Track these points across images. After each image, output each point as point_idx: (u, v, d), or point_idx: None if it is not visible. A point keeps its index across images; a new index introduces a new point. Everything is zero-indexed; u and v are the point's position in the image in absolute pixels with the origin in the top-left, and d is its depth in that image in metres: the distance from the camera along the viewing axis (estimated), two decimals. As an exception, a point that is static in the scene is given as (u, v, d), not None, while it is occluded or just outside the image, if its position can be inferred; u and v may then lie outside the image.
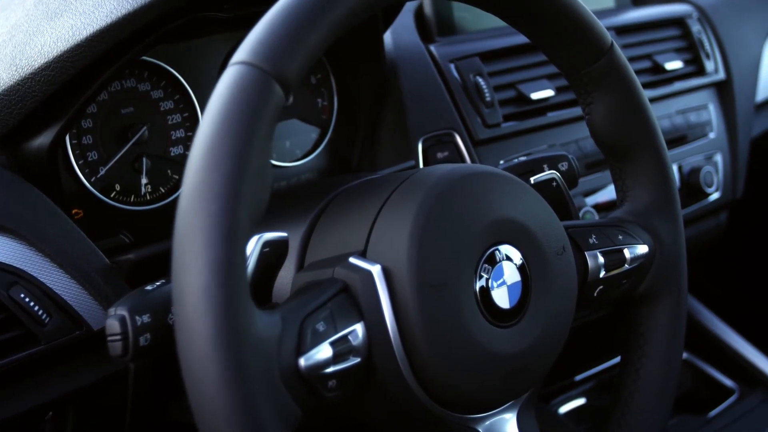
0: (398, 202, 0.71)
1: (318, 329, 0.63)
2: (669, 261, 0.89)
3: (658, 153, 0.88)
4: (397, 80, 1.12)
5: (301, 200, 0.87)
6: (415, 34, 1.19)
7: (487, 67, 1.19)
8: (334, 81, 1.13)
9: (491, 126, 1.16)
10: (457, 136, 1.13)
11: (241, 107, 0.58)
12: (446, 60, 1.17)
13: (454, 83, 1.16)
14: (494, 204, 0.73)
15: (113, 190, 0.94)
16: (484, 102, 1.16)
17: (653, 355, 0.89)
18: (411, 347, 0.67)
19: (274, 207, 0.91)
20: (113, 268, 0.84)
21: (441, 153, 1.11)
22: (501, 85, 1.20)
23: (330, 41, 0.64)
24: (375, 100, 1.13)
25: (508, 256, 0.73)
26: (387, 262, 0.68)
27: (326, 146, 1.13)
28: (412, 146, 1.10)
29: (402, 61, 1.14)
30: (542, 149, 1.22)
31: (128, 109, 0.95)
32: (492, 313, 0.71)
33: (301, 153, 1.11)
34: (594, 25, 0.83)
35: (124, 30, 0.78)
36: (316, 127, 1.12)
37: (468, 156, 1.13)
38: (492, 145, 1.17)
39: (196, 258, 0.55)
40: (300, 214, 0.82)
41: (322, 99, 1.12)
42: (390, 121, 1.13)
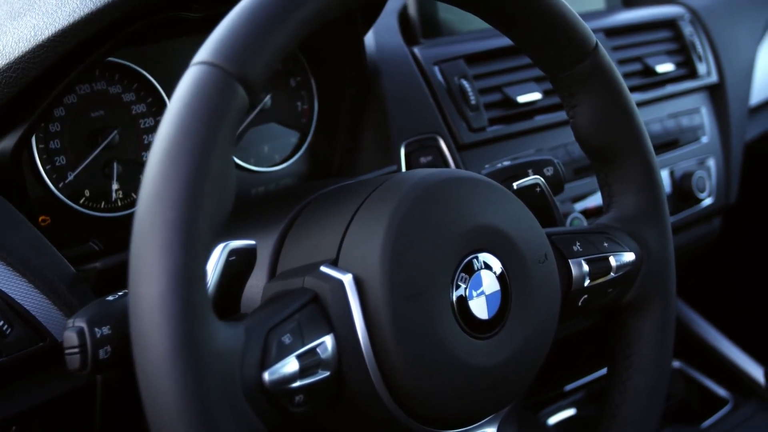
0: (371, 209, 0.69)
1: (284, 342, 0.61)
2: (656, 269, 0.86)
3: (645, 157, 0.86)
4: (379, 83, 1.10)
5: (275, 206, 0.84)
6: (399, 35, 1.17)
7: (472, 70, 1.17)
8: (315, 84, 1.10)
9: (476, 130, 1.14)
10: (440, 141, 1.11)
11: (200, 109, 0.56)
12: (430, 62, 1.15)
13: (438, 86, 1.13)
14: (472, 210, 0.70)
15: (82, 196, 0.92)
16: (469, 105, 1.13)
17: (640, 367, 0.86)
18: (384, 360, 0.65)
19: (248, 213, 0.89)
20: (79, 277, 0.81)
21: (424, 158, 1.09)
22: (487, 88, 1.18)
23: (297, 41, 0.62)
24: (356, 103, 1.11)
25: (487, 265, 0.70)
26: (359, 271, 0.66)
27: (306, 151, 1.10)
28: (395, 151, 1.08)
29: (384, 64, 1.11)
30: (529, 154, 1.20)
31: (98, 112, 0.93)
32: (469, 324, 0.68)
33: (279, 158, 1.09)
34: (578, 26, 0.81)
35: (87, 30, 0.76)
36: (296, 131, 1.10)
37: (452, 161, 1.11)
38: (477, 150, 1.15)
39: (152, 267, 0.53)
40: (273, 220, 0.80)
41: (302, 102, 1.10)
42: (372, 125, 1.10)
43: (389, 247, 0.65)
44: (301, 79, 1.10)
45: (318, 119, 1.11)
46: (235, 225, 0.87)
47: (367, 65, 1.10)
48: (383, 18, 1.18)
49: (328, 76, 1.11)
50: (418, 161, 1.08)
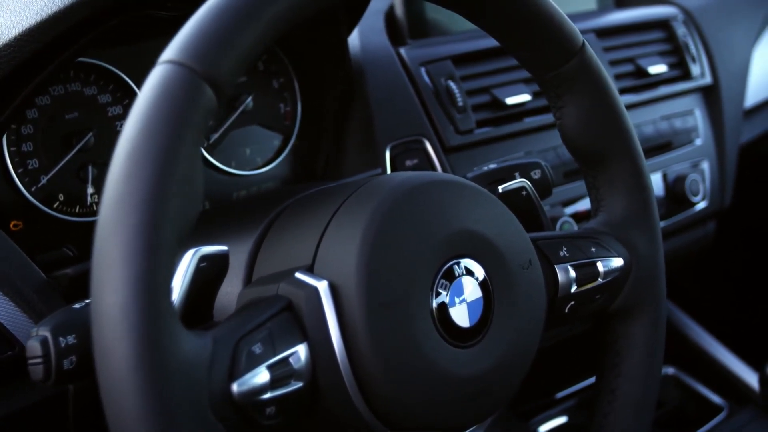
0: (348, 213, 0.67)
1: (254, 351, 0.59)
2: (646, 275, 0.84)
3: (633, 160, 0.84)
4: (363, 85, 1.08)
5: (252, 210, 0.82)
6: (385, 36, 1.15)
7: (459, 71, 1.15)
8: (298, 85, 1.09)
9: (463, 132, 1.12)
10: (427, 143, 1.09)
11: (165, 110, 0.54)
12: (416, 63, 1.13)
13: (424, 88, 1.11)
14: (452, 215, 0.68)
15: (56, 201, 0.90)
16: (456, 107, 1.12)
17: (629, 375, 0.84)
18: (360, 370, 0.63)
19: (227, 218, 0.87)
20: (50, 284, 0.79)
21: (410, 161, 1.07)
22: (474, 89, 1.16)
23: (269, 40, 0.60)
24: (341, 105, 1.09)
25: (469, 271, 0.68)
26: (335, 277, 0.64)
27: (289, 154, 1.09)
28: (380, 154, 1.06)
29: (369, 65, 1.10)
30: (518, 156, 1.18)
31: (73, 114, 0.91)
32: (450, 333, 0.66)
33: (262, 161, 1.07)
34: (564, 25, 0.79)
35: (56, 28, 0.74)
36: (279, 133, 1.08)
37: (439, 164, 1.09)
38: (464, 153, 1.13)
39: (113, 275, 0.51)
40: (250, 225, 0.78)
41: (285, 104, 1.08)
42: (356, 128, 1.08)
43: (366, 253, 0.63)
44: (284, 81, 1.08)
45: (301, 121, 1.09)
46: (214, 229, 0.85)
47: (352, 66, 1.08)
48: (369, 18, 1.16)
49: (311, 78, 1.09)
50: (403, 164, 1.07)
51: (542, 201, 0.91)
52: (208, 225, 0.89)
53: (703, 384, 1.48)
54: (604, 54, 1.31)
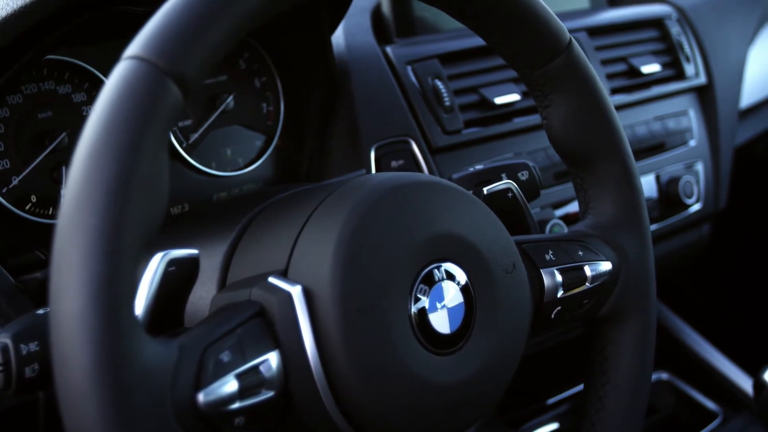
0: (324, 215, 0.65)
1: (222, 359, 0.57)
2: (635, 279, 0.82)
3: (622, 160, 0.82)
4: (348, 84, 1.06)
5: (229, 213, 0.80)
6: (371, 34, 1.13)
7: (446, 70, 1.13)
8: (281, 85, 1.06)
9: (451, 133, 1.10)
10: (413, 144, 1.07)
11: (128, 107, 0.52)
12: (402, 62, 1.11)
13: (410, 87, 1.09)
14: (433, 217, 0.66)
15: (28, 202, 0.88)
16: (443, 107, 1.10)
17: (618, 382, 0.82)
18: (335, 379, 0.61)
19: (206, 220, 0.85)
20: (18, 288, 0.77)
21: (395, 162, 1.05)
22: (462, 89, 1.14)
23: (239, 35, 0.58)
24: (325, 105, 1.07)
25: (450, 276, 0.66)
26: (309, 282, 0.62)
27: (272, 154, 1.06)
28: (364, 154, 1.04)
29: (354, 64, 1.08)
30: (507, 157, 1.16)
31: (46, 113, 0.89)
32: (430, 339, 0.64)
33: (243, 162, 1.04)
34: (550, 22, 0.77)
35: (20, 25, 0.72)
36: (261, 134, 1.06)
37: (425, 165, 1.07)
38: (452, 153, 1.11)
39: (71, 280, 0.49)
40: (225, 227, 0.76)
41: (268, 104, 1.06)
42: (341, 128, 1.06)
43: (341, 257, 0.61)
44: (267, 80, 1.06)
45: (284, 122, 1.07)
46: (190, 232, 0.83)
47: (336, 65, 1.06)
48: (355, 16, 1.14)
49: (294, 77, 1.07)
50: (389, 165, 1.05)
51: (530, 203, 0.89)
52: (185, 227, 0.87)
53: (697, 390, 1.46)
54: (596, 53, 1.29)
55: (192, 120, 0.99)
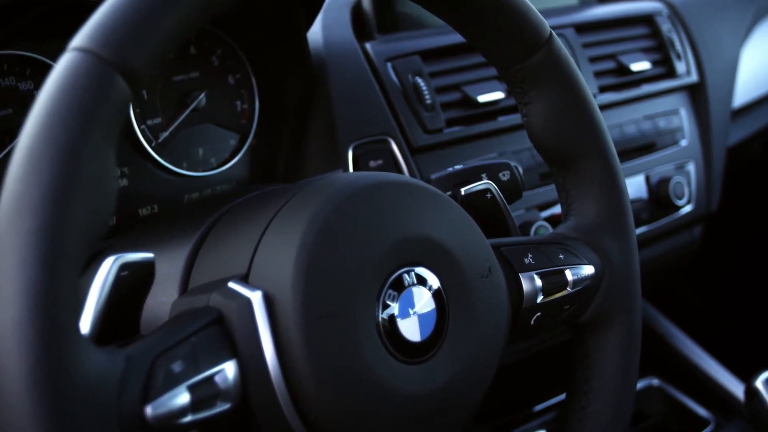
0: (287, 217, 0.62)
1: (173, 370, 0.54)
2: (619, 284, 0.80)
3: (605, 160, 0.79)
4: (325, 81, 1.03)
5: (195, 214, 0.77)
6: (350, 30, 1.10)
7: (428, 67, 1.10)
8: (255, 82, 1.04)
9: (432, 132, 1.07)
10: (392, 143, 1.04)
11: (70, 102, 0.49)
12: (382, 59, 1.08)
13: (390, 84, 1.06)
14: (402, 219, 0.64)
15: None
16: (424, 105, 1.07)
17: (601, 391, 0.80)
18: (297, 390, 0.58)
19: (168, 222, 0.82)
20: None
21: (374, 161, 1.02)
22: (444, 86, 1.11)
23: (193, 26, 0.55)
24: (301, 103, 1.04)
25: (421, 281, 0.63)
26: (270, 287, 0.59)
27: (246, 154, 1.03)
28: (342, 154, 1.01)
29: (332, 60, 1.05)
30: (492, 157, 1.13)
31: (6, 111, 0.86)
32: (399, 348, 0.62)
33: (216, 161, 1.02)
34: (529, 15, 0.74)
35: None
36: (235, 132, 1.03)
37: (405, 164, 1.04)
38: (433, 153, 1.08)
39: (7, 286, 0.46)
40: (189, 230, 0.73)
41: (242, 102, 1.03)
42: (318, 127, 1.04)
43: (303, 260, 0.58)
44: (241, 77, 1.03)
45: (259, 120, 1.04)
46: (155, 234, 0.80)
47: (313, 62, 1.03)
48: (334, 12, 1.12)
49: (270, 74, 1.04)
50: (367, 165, 1.02)
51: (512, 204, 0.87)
52: (151, 229, 0.84)
53: (688, 396, 1.43)
54: (584, 50, 1.26)
55: (162, 118, 0.96)
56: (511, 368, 1.21)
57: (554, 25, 1.22)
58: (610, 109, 1.29)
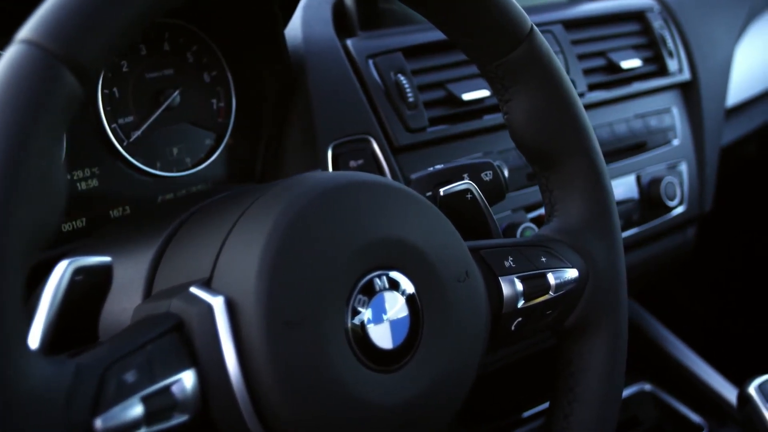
0: (252, 219, 0.60)
1: (126, 380, 0.51)
2: (604, 287, 0.77)
3: (590, 159, 0.77)
4: (305, 79, 1.01)
5: (161, 216, 0.75)
6: (330, 27, 1.08)
7: (411, 64, 1.07)
8: (232, 79, 1.01)
9: (414, 131, 1.05)
10: (373, 142, 1.01)
11: (14, 98, 0.47)
12: (363, 56, 1.05)
13: (371, 82, 1.04)
14: (373, 221, 0.61)
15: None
16: (407, 103, 1.04)
17: (585, 400, 0.77)
18: (260, 400, 0.55)
19: (136, 224, 0.80)
20: None
21: (354, 161, 1.00)
22: (427, 84, 1.08)
23: (147, 18, 0.52)
24: (280, 101, 1.01)
25: (393, 285, 0.61)
26: (233, 292, 0.56)
27: (223, 153, 1.01)
28: (321, 153, 0.99)
29: (312, 58, 1.02)
30: (477, 157, 1.11)
31: None
32: (369, 356, 0.59)
33: (191, 161, 0.99)
34: (509, 8, 0.72)
35: None
36: (211, 131, 1.00)
37: (386, 164, 1.01)
38: (415, 153, 1.05)
39: None
40: (154, 232, 0.71)
41: (218, 100, 1.01)
42: (297, 125, 1.01)
43: (268, 264, 0.56)
44: (217, 74, 1.00)
45: (236, 119, 1.02)
46: (121, 237, 0.78)
47: (291, 60, 1.01)
48: (315, 8, 1.09)
49: (247, 72, 1.01)
50: (347, 165, 0.99)
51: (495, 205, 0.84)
52: (118, 232, 0.82)
53: (681, 401, 1.41)
54: (573, 47, 1.24)
55: (134, 117, 0.94)
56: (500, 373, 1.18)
57: (542, 22, 1.21)
58: (600, 108, 1.27)
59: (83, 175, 0.90)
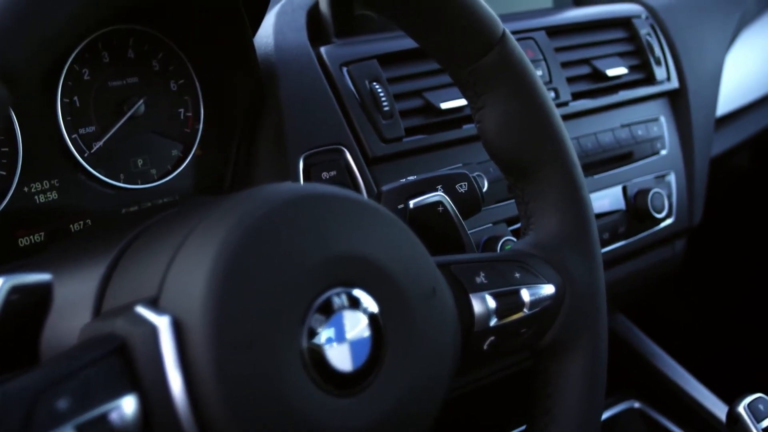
0: (202, 233, 0.57)
1: (58, 407, 0.48)
2: (582, 304, 0.74)
3: (566, 169, 0.75)
4: (276, 88, 0.98)
5: (117, 229, 0.72)
6: (304, 34, 1.05)
7: (386, 72, 1.04)
8: (200, 88, 0.98)
9: (390, 141, 1.02)
10: (346, 153, 0.98)
11: None
12: (337, 63, 1.02)
13: (345, 90, 1.01)
14: (331, 235, 0.58)
15: None
16: (382, 112, 1.01)
17: (562, 422, 0.74)
18: (208, 428, 0.52)
19: (92, 238, 0.77)
20: None
21: (327, 173, 0.97)
22: (404, 92, 1.06)
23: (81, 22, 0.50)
24: (250, 110, 0.98)
25: (353, 303, 0.58)
26: (180, 312, 0.53)
27: (191, 164, 0.98)
28: (292, 164, 0.96)
29: (283, 66, 0.99)
30: (456, 168, 1.07)
31: None
32: (327, 379, 0.56)
33: (157, 173, 0.96)
34: (480, 12, 0.70)
35: None
36: (178, 142, 0.97)
37: (360, 176, 0.98)
38: (391, 164, 1.02)
39: None
40: (107, 247, 0.67)
41: (185, 109, 0.98)
42: (268, 136, 0.98)
43: (217, 281, 0.53)
44: (184, 83, 0.97)
45: (205, 128, 0.99)
46: (77, 251, 0.74)
47: (262, 68, 0.98)
48: (289, 15, 1.07)
49: (215, 79, 0.98)
50: (319, 176, 0.96)
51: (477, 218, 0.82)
52: (73, 246, 0.79)
53: (670, 419, 1.38)
54: (556, 54, 1.21)
55: (96, 126, 0.91)
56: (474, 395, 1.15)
57: (524, 28, 1.18)
58: (585, 117, 1.24)
59: (41, 187, 0.87)
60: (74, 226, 0.90)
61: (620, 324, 1.50)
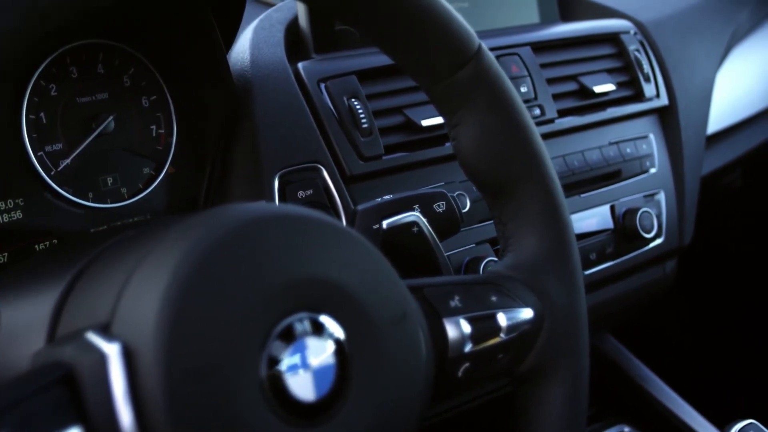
0: (158, 256, 0.54)
1: None
2: (563, 329, 0.72)
3: (545, 188, 0.72)
4: (251, 104, 0.96)
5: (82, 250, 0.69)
6: (282, 49, 1.02)
7: (366, 89, 1.02)
8: (173, 104, 0.96)
9: (369, 159, 0.99)
10: (323, 171, 0.96)
11: None
12: (314, 80, 1.00)
13: (322, 107, 0.99)
14: (294, 259, 0.56)
15: None
16: (360, 129, 0.99)
17: (543, 451, 0.72)
18: None
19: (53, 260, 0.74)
20: None
21: (303, 191, 0.94)
22: (384, 109, 1.03)
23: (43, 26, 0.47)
24: (225, 127, 0.96)
25: (317, 329, 0.55)
26: (131, 339, 0.51)
27: (163, 183, 0.95)
28: (267, 183, 0.93)
29: (259, 81, 0.97)
30: (436, 186, 1.05)
31: None
32: (288, 410, 0.53)
33: (128, 192, 0.93)
34: (454, 24, 0.68)
35: None
36: (150, 159, 0.95)
37: (338, 195, 0.96)
38: (370, 183, 1.00)
39: None
40: (63, 269, 0.65)
41: (158, 126, 0.95)
42: (243, 153, 0.96)
43: (170, 306, 0.50)
44: (156, 98, 0.95)
45: (178, 146, 0.96)
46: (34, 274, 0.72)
47: (237, 83, 0.96)
48: (267, 30, 1.05)
49: (188, 96, 0.96)
50: (295, 195, 0.94)
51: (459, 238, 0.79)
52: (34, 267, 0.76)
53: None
54: (542, 71, 1.19)
55: (63, 144, 0.89)
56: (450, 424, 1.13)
57: (508, 44, 1.16)
58: (572, 134, 1.22)
59: (5, 206, 0.85)
60: (39, 246, 0.87)
61: (610, 346, 1.47)
